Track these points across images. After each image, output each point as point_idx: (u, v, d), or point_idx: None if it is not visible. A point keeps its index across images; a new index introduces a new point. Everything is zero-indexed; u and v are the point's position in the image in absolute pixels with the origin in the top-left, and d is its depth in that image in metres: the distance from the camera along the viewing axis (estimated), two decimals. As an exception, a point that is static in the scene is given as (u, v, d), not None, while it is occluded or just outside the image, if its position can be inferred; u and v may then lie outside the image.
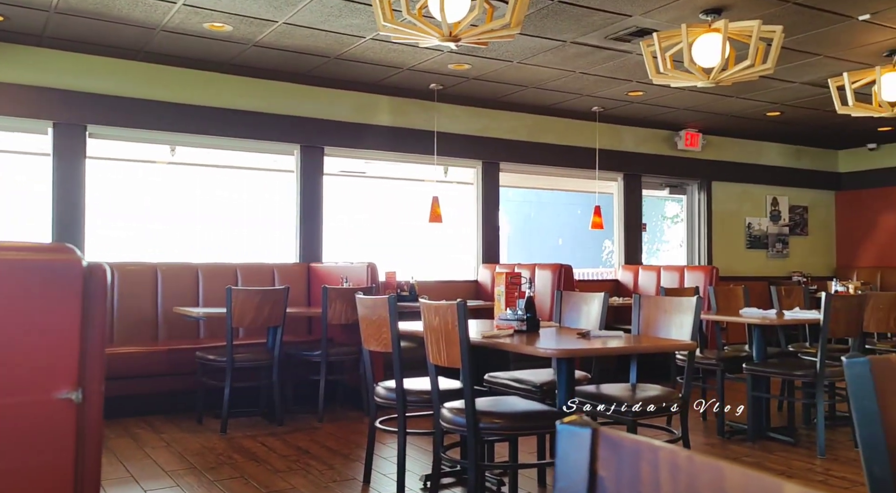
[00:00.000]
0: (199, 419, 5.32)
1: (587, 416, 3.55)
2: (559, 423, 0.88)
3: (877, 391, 1.29)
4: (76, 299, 1.27)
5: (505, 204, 7.91)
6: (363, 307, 3.87)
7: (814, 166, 10.27)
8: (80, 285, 1.28)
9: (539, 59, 6.06)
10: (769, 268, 9.82)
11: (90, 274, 1.30)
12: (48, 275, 1.26)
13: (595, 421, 2.81)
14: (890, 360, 1.34)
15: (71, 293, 1.27)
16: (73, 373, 1.26)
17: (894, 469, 1.26)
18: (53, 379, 1.25)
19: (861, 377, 1.31)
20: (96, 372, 1.30)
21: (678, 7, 4.91)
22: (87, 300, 1.29)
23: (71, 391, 1.26)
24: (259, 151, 6.93)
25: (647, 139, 8.85)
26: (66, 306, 1.26)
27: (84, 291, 1.28)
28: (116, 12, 5.01)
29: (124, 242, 7.89)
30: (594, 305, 4.13)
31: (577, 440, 0.88)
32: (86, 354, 1.27)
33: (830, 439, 4.93)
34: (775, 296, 5.98)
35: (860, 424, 1.30)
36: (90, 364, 1.28)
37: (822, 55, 6.02)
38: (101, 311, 1.31)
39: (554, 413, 3.27)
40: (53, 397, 1.25)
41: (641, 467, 0.77)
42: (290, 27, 5.29)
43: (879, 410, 1.28)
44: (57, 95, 5.88)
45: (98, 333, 1.30)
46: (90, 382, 1.28)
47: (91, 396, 1.29)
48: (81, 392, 1.27)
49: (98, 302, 1.30)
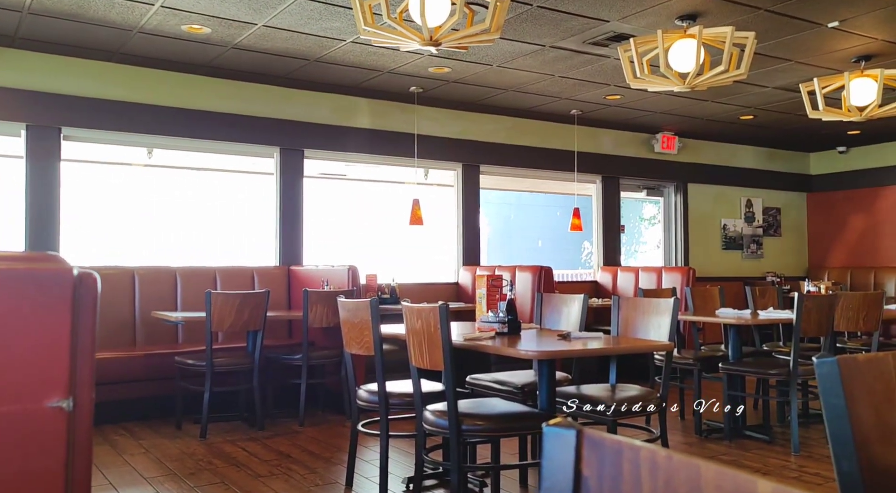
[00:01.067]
0: (178, 425, 5.29)
1: (568, 417, 3.60)
2: (545, 425, 0.92)
3: (844, 389, 1.34)
4: (66, 308, 1.28)
5: (485, 206, 7.95)
6: (345, 311, 3.89)
7: (786, 169, 10.44)
8: (70, 293, 1.29)
9: (518, 62, 6.11)
10: (744, 268, 9.96)
11: (80, 282, 1.31)
12: (38, 284, 1.27)
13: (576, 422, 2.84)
14: (857, 359, 1.40)
15: (61, 302, 1.28)
16: (64, 381, 1.27)
17: (862, 464, 1.31)
18: (44, 388, 1.26)
19: (830, 376, 1.35)
20: (86, 380, 1.31)
21: (654, 13, 4.98)
22: (77, 308, 1.30)
23: (62, 400, 1.27)
24: (238, 153, 6.90)
25: (624, 142, 8.94)
26: (57, 314, 1.28)
27: (74, 299, 1.29)
28: (92, 13, 4.97)
29: (100, 246, 7.82)
30: (574, 306, 4.18)
31: (563, 441, 0.91)
32: (76, 362, 1.29)
33: (804, 436, 5.02)
34: (750, 296, 6.08)
35: (829, 421, 1.35)
36: (80, 372, 1.30)
37: (794, 61, 6.13)
38: (91, 319, 1.33)
39: (536, 414, 3.32)
40: (44, 405, 1.26)
41: (623, 466, 0.80)
42: (270, 30, 5.29)
43: (847, 407, 1.33)
44: (30, 96, 5.81)
45: (88, 340, 1.32)
46: (81, 389, 1.30)
47: (81, 404, 1.30)
48: (72, 400, 1.28)
49: (88, 310, 1.32)
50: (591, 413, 3.50)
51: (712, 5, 4.86)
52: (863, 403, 1.36)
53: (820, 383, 1.36)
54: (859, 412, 1.35)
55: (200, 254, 7.47)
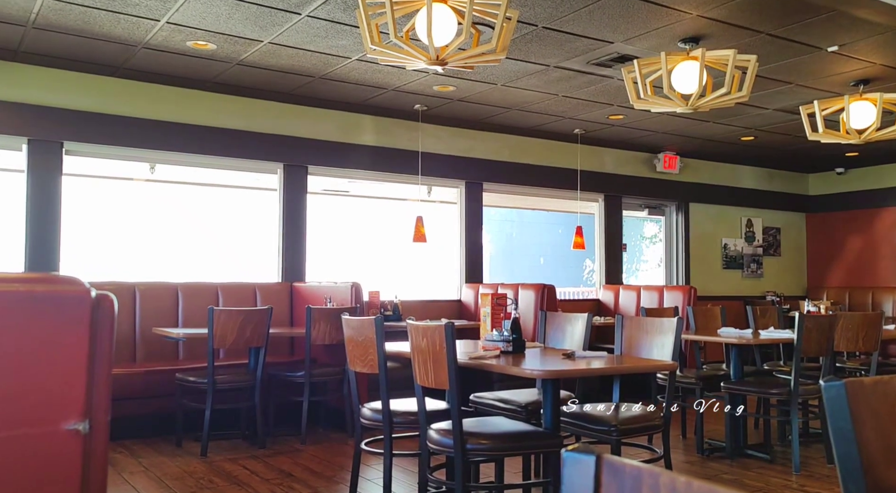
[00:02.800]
0: (179, 443, 5.26)
1: (571, 436, 3.58)
2: (565, 450, 0.92)
3: (851, 412, 1.35)
4: (84, 330, 1.29)
5: (487, 223, 7.97)
6: (349, 328, 3.89)
7: (786, 189, 10.49)
8: (88, 315, 1.30)
9: (523, 82, 6.15)
10: (744, 288, 9.98)
11: (98, 304, 1.32)
12: (57, 306, 1.28)
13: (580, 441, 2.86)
14: (863, 383, 1.40)
15: (79, 324, 1.29)
16: (81, 404, 1.28)
17: (868, 487, 1.31)
18: (62, 410, 1.27)
19: (837, 399, 1.36)
20: (102, 402, 1.32)
21: (657, 35, 5.03)
22: (95, 330, 1.31)
23: (78, 422, 1.27)
24: (242, 169, 6.91)
25: (627, 161, 8.98)
26: (75, 336, 1.28)
27: (92, 321, 1.30)
28: (97, 29, 5.00)
29: (101, 261, 7.81)
30: (578, 325, 4.18)
31: (582, 466, 0.92)
32: (93, 384, 1.29)
33: (805, 455, 5.01)
34: (751, 316, 6.08)
35: (837, 444, 1.35)
36: (97, 394, 1.30)
37: (794, 83, 6.19)
38: (109, 341, 1.33)
39: (540, 434, 3.31)
40: (62, 428, 1.26)
41: (642, 492, 0.81)
42: (276, 47, 5.33)
43: (854, 430, 1.34)
44: (32, 110, 5.82)
45: (105, 363, 1.32)
46: (97, 412, 1.30)
47: (97, 426, 1.30)
48: (88, 423, 1.29)
49: (105, 332, 1.32)
50: (595, 432, 3.50)
51: (715, 29, 4.90)
52: (869, 426, 1.36)
53: (827, 406, 1.37)
54: (866, 435, 1.36)
55: (202, 270, 7.46)
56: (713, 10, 4.60)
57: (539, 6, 4.54)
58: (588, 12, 4.64)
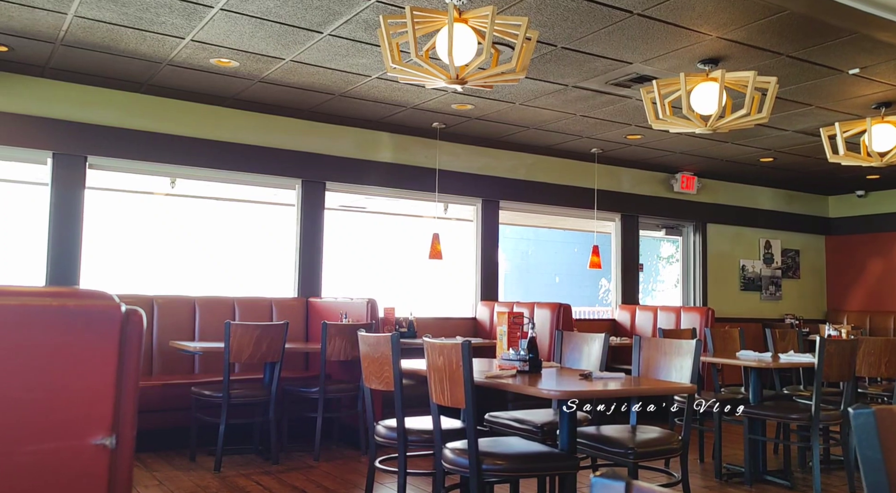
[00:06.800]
0: (193, 457, 5.25)
1: (588, 457, 3.54)
2: (593, 475, 0.92)
3: (881, 440, 1.33)
4: (113, 345, 1.30)
5: (502, 241, 7.96)
6: (365, 345, 3.89)
7: (805, 211, 10.42)
8: (118, 330, 1.31)
9: (541, 101, 6.17)
10: (762, 310, 9.89)
11: (127, 320, 1.33)
12: (87, 321, 1.29)
13: (595, 463, 2.82)
14: (893, 411, 1.39)
15: (109, 339, 1.30)
16: (108, 419, 1.28)
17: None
18: (90, 425, 1.27)
19: (866, 427, 1.35)
20: (129, 417, 1.33)
21: (677, 57, 5.03)
22: (124, 345, 1.32)
23: (105, 437, 1.28)
24: (260, 184, 6.95)
25: (644, 181, 8.96)
26: (104, 351, 1.29)
27: (121, 336, 1.31)
28: (124, 46, 5.07)
29: (120, 274, 7.88)
30: (595, 346, 4.16)
31: (611, 492, 0.91)
32: (121, 399, 1.30)
33: (826, 482, 4.94)
34: (770, 339, 6.03)
35: (866, 472, 1.34)
36: (124, 410, 1.31)
37: (814, 106, 6.17)
38: (137, 356, 1.34)
39: (557, 455, 3.29)
40: (89, 443, 1.27)
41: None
42: (297, 64, 5.38)
43: (883, 458, 1.32)
44: (58, 125, 5.90)
45: (132, 378, 1.33)
46: (123, 427, 1.31)
47: (124, 441, 1.31)
48: (115, 438, 1.29)
49: (134, 347, 1.33)
50: (612, 455, 3.47)
51: (734, 50, 4.91)
52: (898, 454, 1.35)
53: (856, 433, 1.35)
54: (895, 462, 1.34)
55: (219, 283, 7.50)
56: (733, 31, 4.60)
57: (559, 26, 4.56)
58: (607, 33, 4.65)
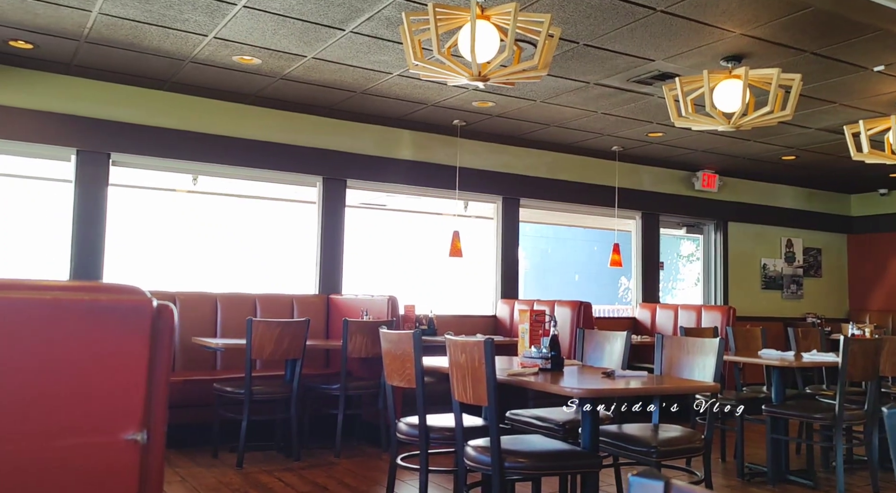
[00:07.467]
0: (215, 453, 5.28)
1: (610, 456, 3.52)
2: (631, 475, 0.91)
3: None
4: (145, 340, 1.31)
5: (521, 239, 7.95)
6: (387, 342, 3.89)
7: (827, 210, 10.32)
8: (149, 325, 1.32)
9: (562, 99, 6.15)
10: (784, 309, 9.81)
11: (158, 315, 1.34)
12: (120, 316, 1.30)
13: (617, 461, 2.81)
14: (925, 411, 1.37)
15: (140, 334, 1.31)
16: (139, 414, 1.30)
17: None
18: (121, 420, 1.29)
19: (900, 427, 1.33)
20: (160, 413, 1.34)
21: (699, 54, 5.00)
22: (155, 340, 1.33)
23: (137, 433, 1.29)
24: (281, 182, 6.98)
25: (665, 179, 8.91)
26: (136, 346, 1.31)
27: (152, 331, 1.32)
28: (147, 43, 5.11)
29: (142, 270, 7.94)
30: (617, 344, 4.14)
31: (649, 492, 0.91)
32: (152, 394, 1.31)
33: (849, 482, 4.89)
34: (792, 338, 5.97)
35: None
36: (155, 405, 1.32)
37: (838, 103, 6.11)
38: (168, 351, 1.35)
39: (579, 453, 3.28)
40: (120, 438, 1.28)
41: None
42: (319, 62, 5.40)
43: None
44: (82, 122, 5.96)
45: (163, 373, 1.34)
46: (154, 422, 1.32)
47: (154, 437, 1.32)
48: (146, 433, 1.30)
49: (165, 342, 1.34)
50: (635, 453, 3.45)
51: (758, 47, 4.86)
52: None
53: (890, 433, 1.34)
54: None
55: (241, 280, 7.54)
56: (756, 28, 4.56)
57: (581, 24, 4.54)
58: (630, 30, 4.63)
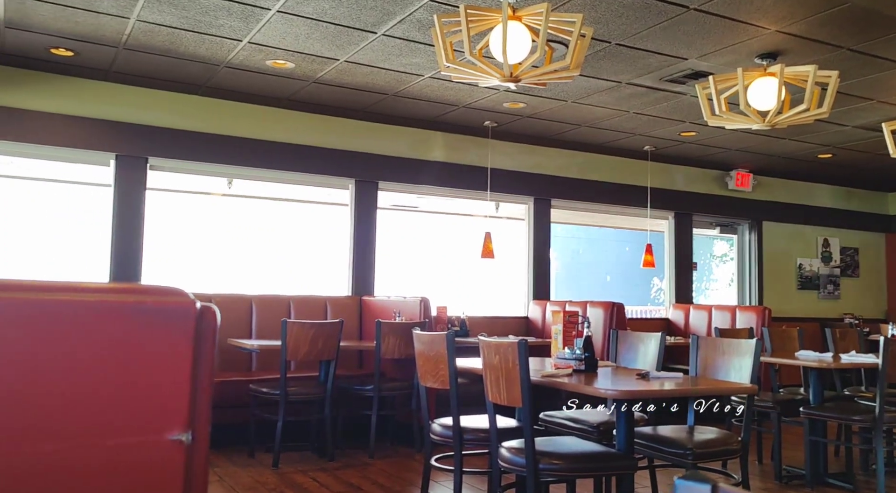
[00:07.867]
0: (251, 453, 5.35)
1: (644, 458, 3.49)
2: (677, 478, 0.91)
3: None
4: (189, 341, 1.34)
5: (553, 240, 7.93)
6: (420, 343, 3.92)
7: (864, 208, 10.14)
8: (193, 327, 1.35)
9: (594, 99, 6.12)
10: (820, 309, 9.65)
11: (201, 316, 1.37)
12: (164, 317, 1.33)
13: (652, 463, 2.80)
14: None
15: (184, 335, 1.34)
16: (184, 414, 1.32)
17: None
18: (166, 420, 1.31)
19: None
20: (204, 413, 1.37)
21: (733, 51, 4.95)
22: (199, 342, 1.36)
23: (182, 433, 1.32)
24: (314, 184, 7.05)
25: (698, 179, 8.83)
26: (180, 347, 1.34)
27: (196, 332, 1.35)
28: (183, 49, 5.20)
29: (178, 272, 8.07)
30: (651, 345, 4.12)
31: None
32: (196, 395, 1.34)
33: (889, 486, 4.81)
34: (830, 339, 5.88)
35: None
36: (199, 406, 1.35)
37: (875, 100, 6.01)
38: (211, 352, 1.38)
39: (614, 455, 3.27)
40: (165, 438, 1.31)
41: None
42: (351, 65, 5.44)
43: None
44: (121, 127, 6.08)
45: (207, 374, 1.37)
46: (199, 423, 1.35)
47: (199, 437, 1.35)
48: (191, 434, 1.33)
49: (208, 344, 1.37)
50: (670, 455, 3.43)
51: (793, 44, 4.80)
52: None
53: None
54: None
55: (275, 282, 7.62)
56: (792, 25, 4.51)
57: (613, 23, 4.52)
58: (662, 29, 4.60)
